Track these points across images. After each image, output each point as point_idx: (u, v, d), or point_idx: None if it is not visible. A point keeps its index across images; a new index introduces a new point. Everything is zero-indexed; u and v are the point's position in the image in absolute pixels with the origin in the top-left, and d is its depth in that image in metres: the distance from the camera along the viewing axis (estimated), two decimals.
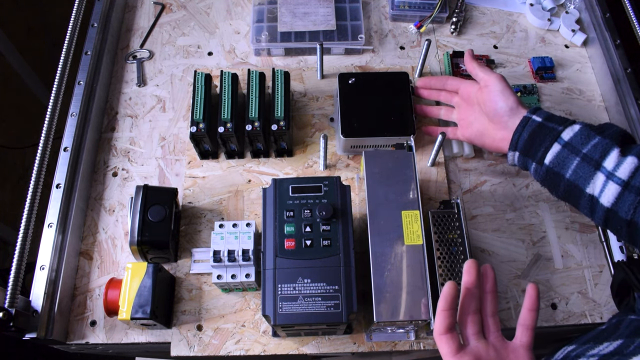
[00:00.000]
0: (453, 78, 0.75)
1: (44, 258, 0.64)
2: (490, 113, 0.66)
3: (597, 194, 0.56)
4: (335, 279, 0.56)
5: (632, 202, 0.53)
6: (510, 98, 0.65)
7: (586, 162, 0.56)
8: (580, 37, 0.88)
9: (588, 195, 0.57)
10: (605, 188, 0.55)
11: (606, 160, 0.55)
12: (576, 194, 0.58)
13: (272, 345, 0.65)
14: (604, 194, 0.55)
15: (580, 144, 0.57)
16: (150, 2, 0.93)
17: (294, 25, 0.86)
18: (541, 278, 0.70)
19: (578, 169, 0.57)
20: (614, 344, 0.47)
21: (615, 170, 0.54)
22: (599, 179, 0.55)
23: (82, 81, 0.78)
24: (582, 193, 0.57)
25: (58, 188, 0.69)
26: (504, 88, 0.66)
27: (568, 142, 0.58)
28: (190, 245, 0.71)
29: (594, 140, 0.57)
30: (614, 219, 0.56)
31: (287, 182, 0.61)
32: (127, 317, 0.59)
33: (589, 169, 0.56)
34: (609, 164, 0.55)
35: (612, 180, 0.54)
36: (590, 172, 0.56)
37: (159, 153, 0.78)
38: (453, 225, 0.63)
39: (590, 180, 0.56)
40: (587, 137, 0.57)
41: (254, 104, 0.71)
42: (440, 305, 0.50)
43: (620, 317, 0.53)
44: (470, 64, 0.71)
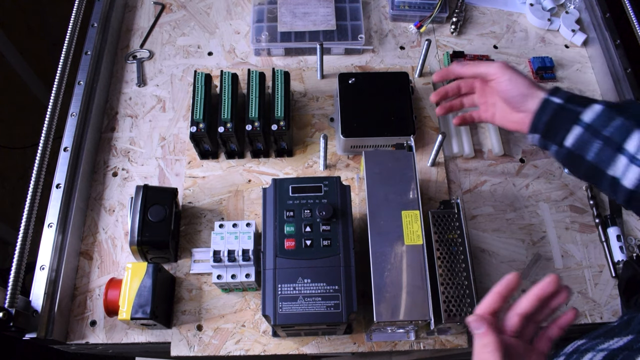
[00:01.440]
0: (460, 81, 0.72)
1: (44, 258, 0.64)
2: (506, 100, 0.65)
3: (619, 176, 0.55)
4: (335, 279, 0.56)
5: None
6: (520, 84, 0.63)
7: (608, 145, 0.56)
8: (580, 37, 0.88)
9: (610, 177, 0.56)
10: (628, 171, 0.54)
11: (628, 143, 0.55)
12: (598, 175, 0.58)
13: (272, 345, 0.65)
14: (627, 176, 0.55)
15: (602, 126, 0.56)
16: (150, 2, 0.93)
17: (294, 25, 0.86)
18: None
19: (600, 152, 0.56)
20: (624, 339, 0.47)
21: (638, 153, 0.54)
22: (621, 162, 0.55)
23: (82, 81, 0.78)
24: (604, 175, 0.57)
25: (58, 188, 0.69)
26: (510, 76, 0.64)
27: (589, 124, 0.57)
28: (190, 245, 0.71)
29: (616, 122, 0.56)
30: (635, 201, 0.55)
31: (287, 182, 0.61)
32: (127, 317, 0.59)
33: (611, 152, 0.56)
34: (632, 147, 0.54)
35: (634, 163, 0.54)
36: (612, 155, 0.56)
37: (159, 153, 0.78)
38: (453, 225, 0.63)
39: (612, 163, 0.56)
40: (608, 119, 0.56)
41: (254, 104, 0.71)
42: (496, 288, 0.50)
43: (632, 314, 0.52)
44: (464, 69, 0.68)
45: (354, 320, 0.65)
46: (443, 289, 0.59)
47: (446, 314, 0.58)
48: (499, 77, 0.64)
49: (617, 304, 0.68)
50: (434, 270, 0.60)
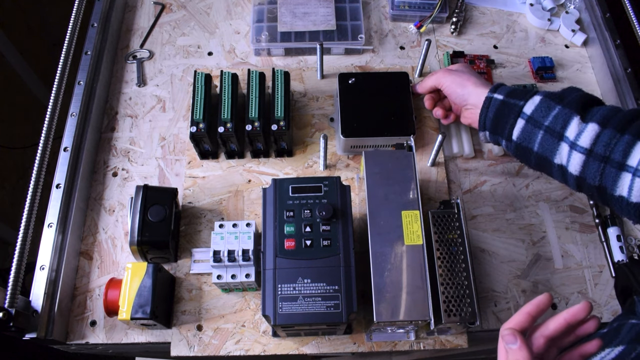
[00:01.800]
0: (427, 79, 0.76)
1: (44, 258, 0.64)
2: (457, 103, 0.70)
3: (565, 164, 0.57)
4: (335, 279, 0.56)
5: (597, 169, 0.53)
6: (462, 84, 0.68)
7: (549, 134, 0.57)
8: (580, 37, 0.88)
9: (557, 165, 0.58)
10: (571, 157, 0.55)
11: (567, 130, 0.56)
12: (547, 165, 0.59)
13: (272, 345, 0.65)
14: (571, 163, 0.56)
15: (542, 116, 0.58)
16: (150, 2, 0.93)
17: (294, 25, 0.86)
18: (541, 278, 0.70)
19: (543, 142, 0.58)
20: (615, 350, 0.47)
21: (577, 139, 0.55)
22: (564, 149, 0.56)
23: (82, 81, 0.78)
24: (551, 164, 0.58)
25: (58, 188, 0.69)
26: (452, 79, 0.69)
27: (530, 116, 0.59)
28: (190, 245, 0.71)
29: (555, 111, 0.57)
30: (584, 185, 0.56)
31: (287, 182, 0.61)
32: (127, 317, 0.59)
33: (553, 140, 0.57)
34: (571, 134, 0.55)
35: (575, 149, 0.55)
36: (554, 143, 0.57)
37: (159, 153, 0.78)
38: (453, 225, 0.63)
39: (556, 151, 0.57)
40: (547, 109, 0.58)
41: (254, 104, 0.71)
42: (526, 308, 0.49)
43: (622, 320, 0.52)
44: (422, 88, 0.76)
45: (354, 320, 0.65)
46: (443, 289, 0.59)
47: (446, 314, 0.58)
48: (442, 83, 0.71)
49: (617, 304, 0.68)
50: (434, 270, 0.60)
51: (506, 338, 0.46)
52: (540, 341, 0.48)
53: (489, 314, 0.68)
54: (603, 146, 0.53)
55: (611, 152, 0.53)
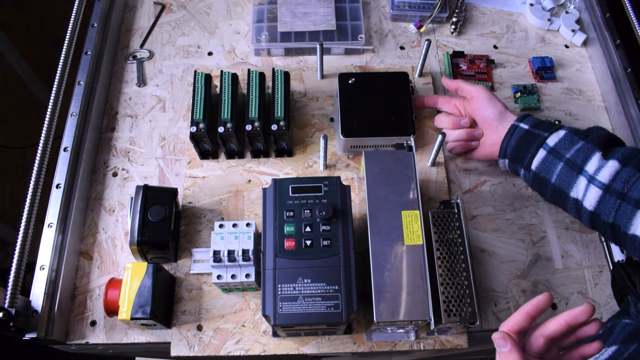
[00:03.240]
0: (443, 96, 0.77)
1: (44, 258, 0.64)
2: (481, 120, 0.70)
3: (581, 198, 0.57)
4: (335, 279, 0.56)
5: (613, 206, 0.53)
6: (497, 104, 0.68)
7: (569, 167, 0.57)
8: (580, 37, 0.88)
9: (573, 199, 0.58)
10: (588, 192, 0.56)
11: (588, 164, 0.56)
12: (562, 197, 0.59)
13: (272, 345, 0.65)
14: (587, 197, 0.56)
15: (564, 149, 0.58)
16: (150, 2, 0.93)
17: (294, 25, 0.86)
18: (541, 278, 0.70)
19: (562, 174, 0.58)
20: (609, 351, 0.47)
21: (596, 174, 0.55)
22: (582, 183, 0.56)
23: (82, 81, 0.78)
24: (567, 197, 0.59)
25: (58, 188, 0.69)
26: (490, 96, 0.69)
27: (553, 148, 0.59)
28: (190, 245, 0.71)
29: (577, 145, 0.58)
30: (598, 222, 0.56)
31: (287, 182, 0.61)
32: (127, 317, 0.59)
33: (572, 173, 0.57)
34: (591, 168, 0.56)
35: (593, 184, 0.55)
36: (573, 176, 0.57)
37: (159, 153, 0.78)
38: (453, 225, 0.63)
39: (574, 184, 0.57)
40: (570, 142, 0.58)
41: (254, 104, 0.71)
42: (525, 307, 0.49)
43: (615, 320, 0.53)
44: (453, 83, 0.75)
45: (354, 320, 0.65)
46: (443, 289, 0.59)
47: (446, 314, 0.58)
48: (479, 95, 0.70)
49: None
50: (434, 270, 0.60)
51: (496, 342, 0.47)
52: (540, 341, 0.48)
53: (489, 314, 0.68)
54: (622, 183, 0.53)
55: (629, 190, 0.53)
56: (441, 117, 0.75)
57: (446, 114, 0.75)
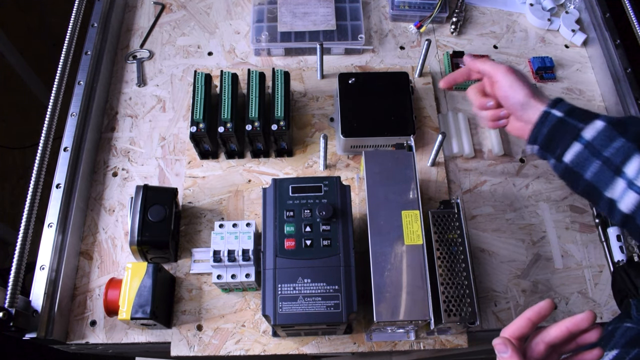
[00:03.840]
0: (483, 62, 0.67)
1: (44, 258, 0.64)
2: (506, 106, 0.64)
3: (617, 199, 0.55)
4: (335, 278, 0.56)
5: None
6: (520, 91, 0.62)
7: (607, 166, 0.55)
8: (580, 37, 0.88)
9: (607, 198, 0.56)
10: (625, 195, 0.54)
11: (627, 166, 0.54)
12: (595, 195, 0.57)
13: (272, 345, 0.65)
14: (624, 200, 0.54)
15: (602, 145, 0.55)
16: (150, 2, 0.93)
17: (294, 25, 0.86)
18: (541, 278, 0.70)
19: (598, 173, 0.56)
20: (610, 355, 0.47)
21: (636, 178, 0.53)
22: (619, 185, 0.54)
23: (82, 81, 0.78)
24: (601, 195, 0.56)
25: (58, 188, 0.69)
26: (512, 81, 0.62)
27: (589, 142, 0.56)
28: (190, 245, 0.71)
29: (617, 143, 0.55)
30: (631, 224, 0.55)
31: (287, 182, 0.61)
32: (127, 317, 0.59)
33: (610, 173, 0.55)
34: (631, 171, 0.53)
35: (632, 189, 0.53)
36: (610, 177, 0.55)
37: (159, 153, 0.78)
38: (453, 225, 0.63)
39: (610, 185, 0.55)
40: (609, 138, 0.55)
41: (254, 104, 0.71)
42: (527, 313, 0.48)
43: (616, 324, 0.52)
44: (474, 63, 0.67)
45: (354, 320, 0.65)
46: (443, 289, 0.59)
47: (446, 314, 0.58)
48: (501, 80, 0.63)
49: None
50: (434, 270, 0.60)
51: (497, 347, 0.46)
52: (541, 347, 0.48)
53: (489, 314, 0.68)
54: None
55: None
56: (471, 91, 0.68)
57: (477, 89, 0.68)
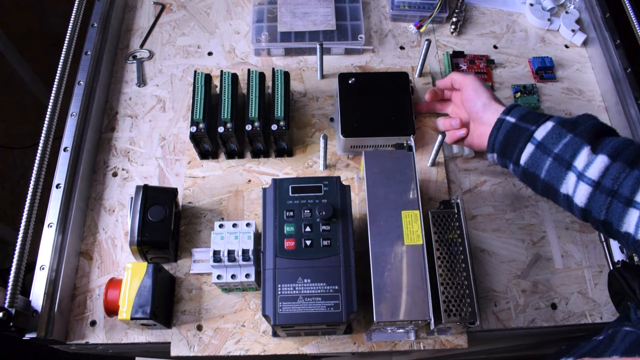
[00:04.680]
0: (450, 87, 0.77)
1: (44, 258, 0.64)
2: (468, 110, 0.70)
3: (571, 194, 0.56)
4: (335, 279, 0.56)
5: (604, 203, 0.52)
6: (482, 95, 0.67)
7: (558, 162, 0.56)
8: (580, 37, 0.88)
9: (563, 194, 0.57)
10: (577, 188, 0.55)
11: (577, 160, 0.55)
12: (552, 193, 0.59)
13: (272, 345, 0.65)
14: (577, 194, 0.55)
15: (552, 143, 0.57)
16: (150, 2, 0.93)
17: (294, 25, 0.86)
18: (541, 278, 0.70)
19: (551, 170, 0.57)
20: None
21: (585, 170, 0.54)
22: (571, 179, 0.55)
23: (82, 81, 0.78)
24: (557, 193, 0.58)
25: (58, 188, 0.69)
26: (477, 87, 0.69)
27: (540, 142, 0.58)
28: (190, 245, 0.71)
29: (565, 139, 0.56)
30: (590, 218, 0.56)
31: (287, 182, 0.61)
32: (127, 317, 0.59)
33: (561, 169, 0.56)
34: (580, 164, 0.54)
35: (582, 180, 0.54)
36: (562, 172, 0.56)
37: (159, 153, 0.78)
38: (453, 225, 0.63)
39: (563, 180, 0.56)
40: (558, 136, 0.57)
41: (254, 104, 0.71)
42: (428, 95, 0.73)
43: (616, 327, 0.52)
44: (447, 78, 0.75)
45: (354, 320, 0.65)
46: (443, 289, 0.59)
47: (446, 314, 0.58)
48: (468, 85, 0.70)
49: None
50: (434, 270, 0.60)
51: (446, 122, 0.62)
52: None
53: (489, 314, 0.68)
54: (611, 180, 0.52)
55: (619, 187, 0.52)
56: (439, 120, 0.77)
57: (443, 117, 0.77)
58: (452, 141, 0.74)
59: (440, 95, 0.78)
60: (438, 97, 0.78)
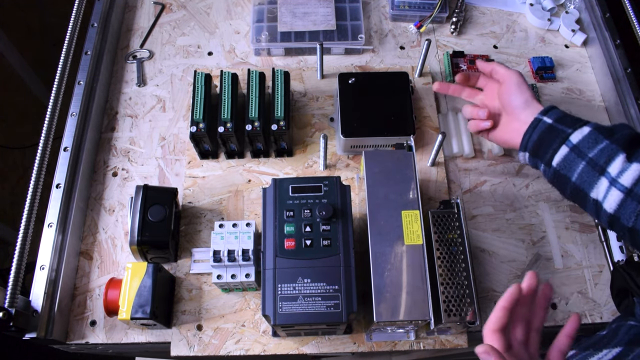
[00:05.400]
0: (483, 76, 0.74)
1: (44, 258, 0.64)
2: (506, 104, 0.67)
3: (601, 199, 0.56)
4: (335, 278, 0.56)
5: (634, 210, 0.53)
6: (525, 92, 0.66)
7: (591, 167, 0.56)
8: (580, 37, 0.88)
9: (592, 199, 0.57)
10: (608, 194, 0.55)
11: (611, 166, 0.55)
12: (582, 197, 0.58)
13: (272, 345, 0.65)
14: (607, 200, 0.55)
15: (587, 147, 0.57)
16: (150, 2, 0.93)
17: (294, 25, 0.86)
18: (541, 278, 0.70)
19: (583, 173, 0.57)
20: (613, 352, 0.47)
21: (619, 176, 0.54)
22: (603, 185, 0.55)
23: (82, 81, 0.78)
24: (587, 197, 0.57)
25: (58, 188, 0.69)
26: (520, 82, 0.67)
27: (576, 145, 0.58)
28: (190, 245, 0.71)
29: (601, 145, 0.56)
30: (617, 225, 0.55)
31: (287, 182, 0.61)
32: (127, 317, 0.59)
33: (594, 173, 0.56)
34: (614, 170, 0.54)
35: (615, 186, 0.54)
36: (594, 177, 0.56)
37: (159, 153, 0.78)
38: (453, 225, 0.63)
39: (595, 185, 0.56)
40: (594, 141, 0.57)
41: (254, 104, 0.71)
42: (501, 303, 0.51)
43: (620, 322, 0.53)
44: (488, 65, 0.72)
45: (354, 320, 0.65)
46: (443, 289, 0.59)
47: (446, 314, 0.58)
48: (511, 79, 0.67)
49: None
50: (434, 270, 0.60)
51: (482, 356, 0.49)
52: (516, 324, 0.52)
53: (489, 314, 0.67)
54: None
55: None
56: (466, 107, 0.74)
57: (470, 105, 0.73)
58: (475, 130, 0.71)
59: (473, 82, 0.75)
60: (469, 82, 0.75)
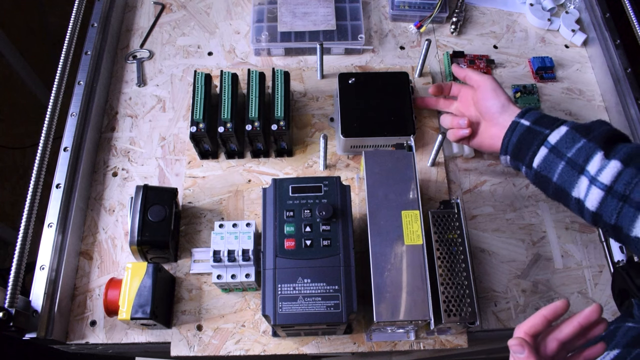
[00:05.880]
0: (455, 84, 0.76)
1: (44, 258, 0.64)
2: (483, 110, 0.69)
3: (583, 198, 0.56)
4: (335, 279, 0.56)
5: (615, 208, 0.53)
6: (500, 96, 0.67)
7: (570, 166, 0.57)
8: (580, 37, 0.88)
9: (575, 199, 0.57)
10: (589, 193, 0.55)
11: (590, 164, 0.55)
12: (564, 196, 0.59)
13: (272, 345, 0.65)
14: (588, 198, 0.55)
15: (565, 147, 0.58)
16: (150, 2, 0.93)
17: (294, 25, 0.86)
18: (541, 278, 0.70)
19: (563, 173, 0.57)
20: (611, 354, 0.47)
21: (598, 174, 0.54)
22: (583, 183, 0.56)
23: (82, 81, 0.78)
24: (569, 196, 0.58)
25: (58, 188, 0.69)
26: (495, 87, 0.68)
27: (554, 146, 0.58)
28: (190, 245, 0.71)
29: (579, 144, 0.57)
30: (600, 222, 0.56)
31: (287, 182, 0.61)
32: (127, 317, 0.59)
33: (573, 173, 0.57)
34: (592, 168, 0.55)
35: (595, 185, 0.54)
36: (574, 176, 0.57)
37: (159, 153, 0.78)
38: (453, 225, 0.63)
39: (575, 184, 0.57)
40: (572, 140, 0.57)
41: (254, 104, 0.71)
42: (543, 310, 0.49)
43: (618, 323, 0.53)
44: (462, 71, 0.74)
45: (354, 320, 0.65)
46: (443, 289, 0.59)
47: (446, 314, 0.58)
48: (486, 84, 0.69)
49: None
50: (434, 270, 0.60)
51: (513, 348, 0.47)
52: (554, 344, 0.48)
53: (489, 314, 0.68)
54: (623, 185, 0.53)
55: (631, 192, 0.52)
56: (444, 117, 0.75)
57: (449, 114, 0.75)
58: (455, 139, 0.73)
59: (446, 92, 0.76)
60: (443, 92, 0.76)
